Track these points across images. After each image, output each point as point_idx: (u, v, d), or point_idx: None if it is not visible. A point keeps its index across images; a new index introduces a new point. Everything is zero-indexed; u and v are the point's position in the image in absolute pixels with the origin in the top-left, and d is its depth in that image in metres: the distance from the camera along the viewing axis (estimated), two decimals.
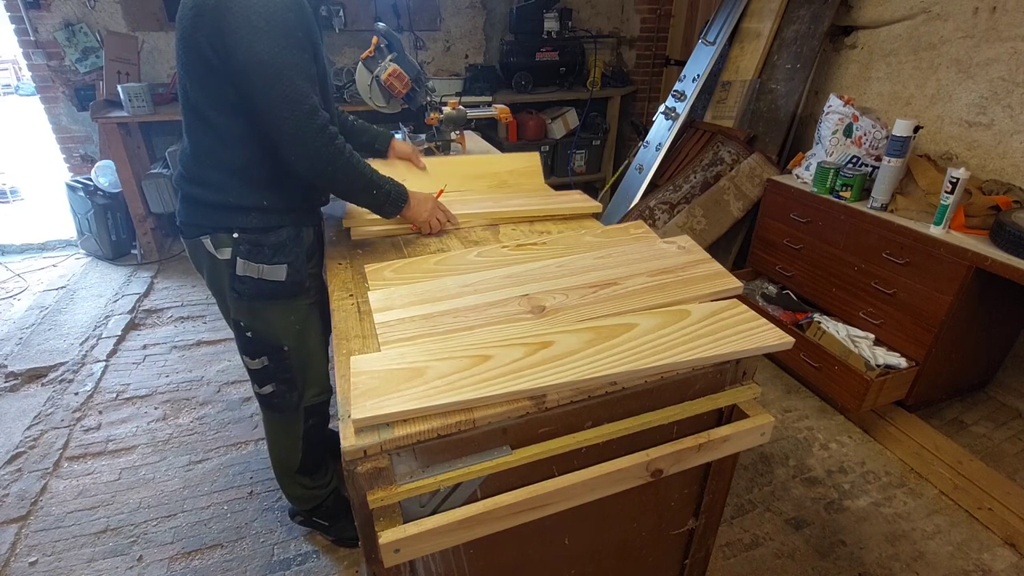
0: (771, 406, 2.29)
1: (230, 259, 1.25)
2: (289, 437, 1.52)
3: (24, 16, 3.22)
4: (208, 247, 1.26)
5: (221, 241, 1.25)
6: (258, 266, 1.26)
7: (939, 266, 1.89)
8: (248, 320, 1.32)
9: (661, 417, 0.94)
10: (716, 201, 2.77)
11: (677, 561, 1.28)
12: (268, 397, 1.43)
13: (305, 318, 1.39)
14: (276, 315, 1.33)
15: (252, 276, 1.26)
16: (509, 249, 1.31)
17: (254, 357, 1.37)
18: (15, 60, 9.29)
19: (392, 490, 0.79)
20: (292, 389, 1.44)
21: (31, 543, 1.72)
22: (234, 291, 1.29)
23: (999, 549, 1.68)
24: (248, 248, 1.25)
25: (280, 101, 1.06)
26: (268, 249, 1.26)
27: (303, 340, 1.40)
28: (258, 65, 1.04)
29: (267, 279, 1.28)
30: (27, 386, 2.42)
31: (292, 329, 1.37)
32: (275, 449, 1.57)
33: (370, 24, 3.68)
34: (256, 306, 1.31)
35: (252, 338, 1.34)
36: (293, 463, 1.56)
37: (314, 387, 1.48)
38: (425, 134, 2.10)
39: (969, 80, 2.19)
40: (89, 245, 3.56)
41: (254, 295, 1.29)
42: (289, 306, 1.34)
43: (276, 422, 1.50)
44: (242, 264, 1.25)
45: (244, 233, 1.24)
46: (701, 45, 3.11)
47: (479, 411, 0.82)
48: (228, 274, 1.27)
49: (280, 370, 1.39)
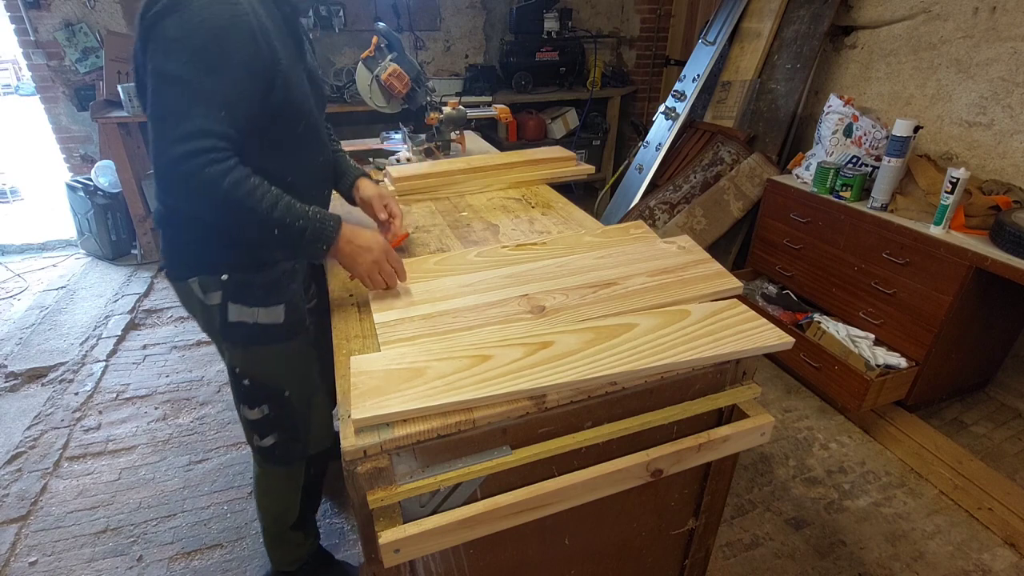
0: (771, 406, 2.29)
1: (220, 303, 1.13)
2: (290, 491, 1.40)
3: (24, 16, 3.22)
4: (196, 292, 1.14)
5: (209, 284, 1.12)
6: (252, 310, 1.14)
7: (939, 266, 1.89)
8: (245, 366, 1.21)
9: (661, 417, 0.94)
10: (716, 201, 2.77)
11: (677, 561, 1.28)
12: (270, 450, 1.30)
13: (307, 358, 1.28)
14: (276, 359, 1.22)
15: (247, 321, 1.15)
16: (509, 249, 1.30)
17: (253, 406, 1.25)
18: (15, 60, 9.29)
19: (392, 490, 0.79)
20: (296, 438, 1.31)
21: (31, 543, 1.72)
22: (227, 338, 1.17)
23: (999, 549, 1.68)
24: (239, 290, 1.13)
25: (153, 117, 0.92)
26: (260, 290, 1.14)
27: (306, 383, 1.29)
28: (153, 75, 0.91)
29: (263, 323, 1.16)
30: (27, 386, 2.42)
31: (294, 372, 1.26)
32: (273, 505, 1.42)
33: (370, 24, 3.68)
34: (253, 352, 1.20)
35: (250, 386, 1.22)
36: (290, 518, 1.43)
37: (318, 433, 1.35)
38: (425, 134, 2.10)
39: (969, 80, 2.19)
40: (89, 245, 3.56)
41: (250, 341, 1.17)
42: (289, 348, 1.23)
43: (277, 475, 1.38)
44: (235, 309, 1.13)
45: (233, 273, 1.12)
46: (701, 45, 3.11)
47: (479, 411, 0.82)
48: (219, 320, 1.15)
49: (282, 418, 1.27)
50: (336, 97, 3.61)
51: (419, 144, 2.11)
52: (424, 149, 2.11)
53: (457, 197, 1.75)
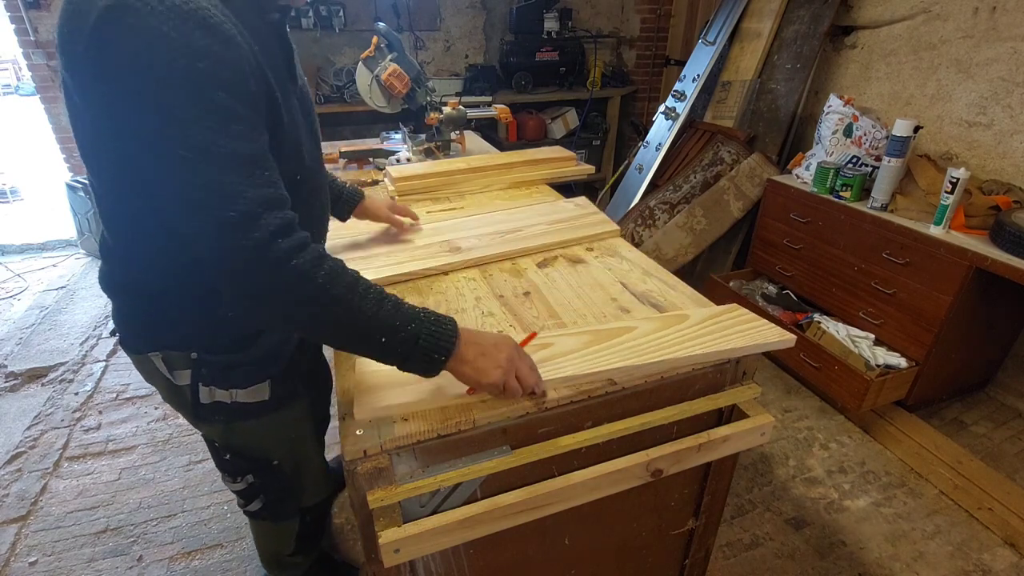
0: (771, 406, 2.29)
1: (190, 383, 0.92)
2: (284, 538, 1.31)
3: (24, 16, 3.22)
4: (160, 368, 0.92)
5: (176, 362, 0.91)
6: (228, 392, 0.94)
7: (939, 266, 1.89)
8: (225, 440, 1.04)
9: (661, 417, 0.94)
10: (716, 201, 2.76)
11: (677, 561, 1.28)
12: (257, 513, 1.18)
13: (300, 422, 1.11)
14: (263, 431, 1.04)
15: (224, 402, 0.95)
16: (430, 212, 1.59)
17: (236, 478, 1.09)
18: (15, 60, 9.29)
19: (392, 490, 0.79)
20: (287, 499, 1.19)
21: (31, 543, 1.72)
22: (201, 420, 0.98)
23: (999, 549, 1.68)
24: (214, 373, 0.92)
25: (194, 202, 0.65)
26: (242, 370, 0.94)
27: (297, 445, 1.13)
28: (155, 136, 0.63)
29: (243, 401, 0.97)
30: (27, 386, 2.42)
31: (284, 440, 1.09)
32: (267, 546, 1.35)
33: (370, 24, 3.68)
34: (235, 427, 1.01)
35: (231, 460, 1.06)
36: (286, 551, 1.34)
37: (312, 489, 1.23)
38: (425, 134, 2.11)
39: (969, 80, 2.19)
40: (89, 245, 3.56)
41: (230, 419, 0.99)
42: (279, 418, 1.04)
43: (267, 527, 1.27)
44: (207, 391, 0.93)
45: (206, 354, 0.90)
46: (701, 45, 3.11)
47: (479, 411, 0.82)
48: (191, 401, 0.95)
49: (270, 483, 1.12)
50: (336, 97, 3.61)
51: (419, 144, 2.11)
52: (424, 149, 2.11)
53: (457, 197, 1.75)
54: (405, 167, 1.87)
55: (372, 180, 1.91)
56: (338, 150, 2.07)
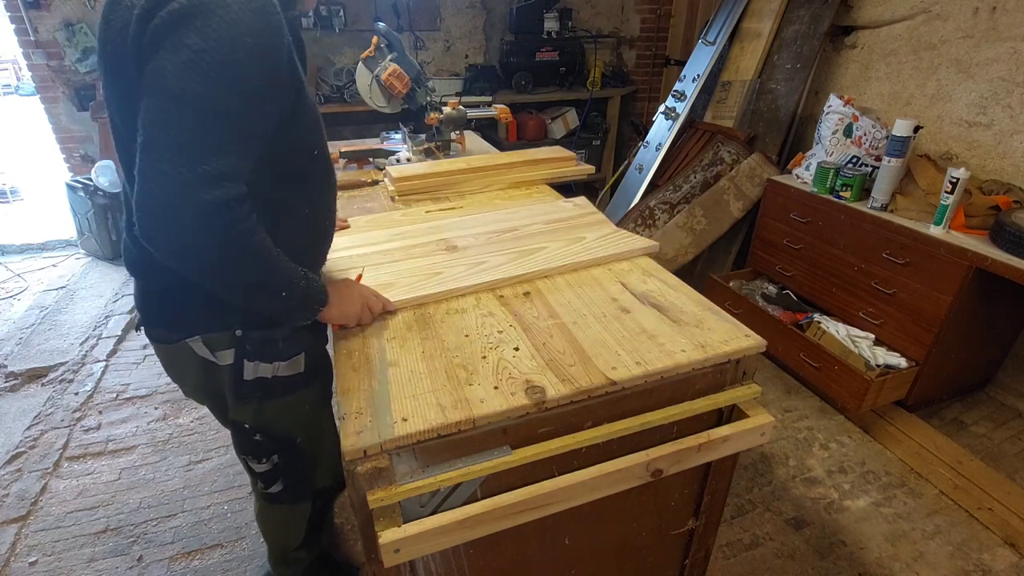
0: (771, 406, 2.29)
1: (233, 362, 1.00)
2: (295, 523, 1.36)
3: (24, 16, 3.22)
4: (200, 351, 0.98)
5: (218, 342, 0.98)
6: (272, 365, 1.02)
7: (939, 266, 1.89)
8: (256, 421, 1.09)
9: (661, 417, 0.94)
10: (716, 201, 2.76)
11: (677, 561, 1.28)
12: (277, 495, 1.23)
13: (323, 399, 1.20)
14: (292, 408, 1.12)
15: (265, 377, 1.03)
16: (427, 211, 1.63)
17: (263, 459, 1.15)
18: (15, 60, 9.29)
19: (392, 490, 0.79)
20: (305, 479, 1.27)
21: (31, 543, 1.72)
22: (240, 398, 1.06)
23: (999, 549, 1.68)
24: (258, 347, 1.00)
25: (158, 146, 0.72)
26: (282, 342, 1.02)
27: (315, 424, 1.22)
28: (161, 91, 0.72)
29: (283, 375, 1.05)
30: (27, 386, 2.42)
31: (308, 417, 1.17)
32: (278, 534, 1.39)
33: (370, 24, 3.68)
34: (268, 405, 1.08)
35: (262, 440, 1.12)
36: (295, 542, 1.39)
37: (326, 467, 1.31)
38: (425, 134, 2.11)
39: (969, 80, 2.19)
40: (89, 245, 3.56)
41: (266, 396, 1.06)
42: (307, 394, 1.13)
43: (282, 511, 1.32)
44: (251, 367, 1.01)
45: (249, 330, 0.98)
46: (701, 45, 3.11)
47: (479, 411, 0.82)
48: (232, 380, 1.03)
49: (292, 462, 1.19)
50: (336, 97, 3.61)
51: (419, 144, 2.11)
52: (424, 149, 2.11)
53: (457, 197, 1.75)
54: (405, 167, 1.87)
55: (372, 180, 1.91)
56: (338, 150, 2.07)
